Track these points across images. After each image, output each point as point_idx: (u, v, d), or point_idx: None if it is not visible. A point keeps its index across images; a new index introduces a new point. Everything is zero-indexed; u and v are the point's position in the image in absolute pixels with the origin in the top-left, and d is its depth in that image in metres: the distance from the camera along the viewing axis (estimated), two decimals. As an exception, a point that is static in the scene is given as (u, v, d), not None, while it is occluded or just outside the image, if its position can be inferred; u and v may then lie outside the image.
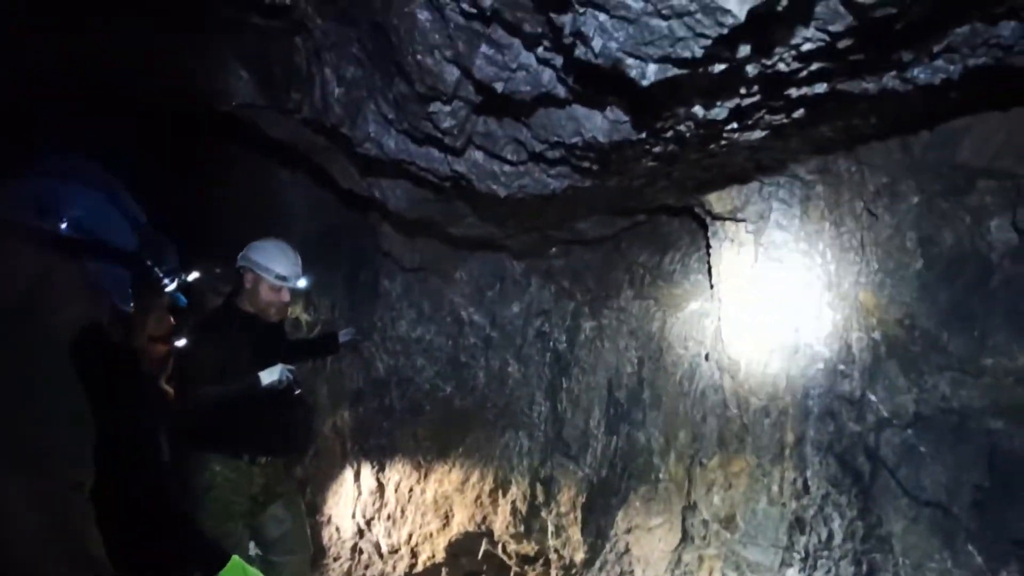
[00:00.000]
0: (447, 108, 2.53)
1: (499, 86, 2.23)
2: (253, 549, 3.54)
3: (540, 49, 2.03)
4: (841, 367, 2.87)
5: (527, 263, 4.45)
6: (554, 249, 4.32)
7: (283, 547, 3.47)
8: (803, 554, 3.05)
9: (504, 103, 2.35)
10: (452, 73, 2.35)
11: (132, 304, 1.79)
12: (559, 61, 2.00)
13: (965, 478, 2.45)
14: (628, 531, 4.05)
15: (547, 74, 2.13)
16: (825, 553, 2.96)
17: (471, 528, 4.39)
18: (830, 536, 2.94)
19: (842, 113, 2.18)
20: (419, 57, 2.32)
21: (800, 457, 3.06)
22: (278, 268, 3.33)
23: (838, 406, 2.89)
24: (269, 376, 3.21)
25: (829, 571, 2.94)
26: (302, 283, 3.49)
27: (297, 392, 3.39)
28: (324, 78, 2.92)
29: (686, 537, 3.80)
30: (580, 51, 1.77)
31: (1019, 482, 2.29)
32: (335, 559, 4.63)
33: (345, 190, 3.93)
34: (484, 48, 2.17)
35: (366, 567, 4.46)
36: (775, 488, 3.21)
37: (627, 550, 4.05)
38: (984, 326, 2.35)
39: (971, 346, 2.39)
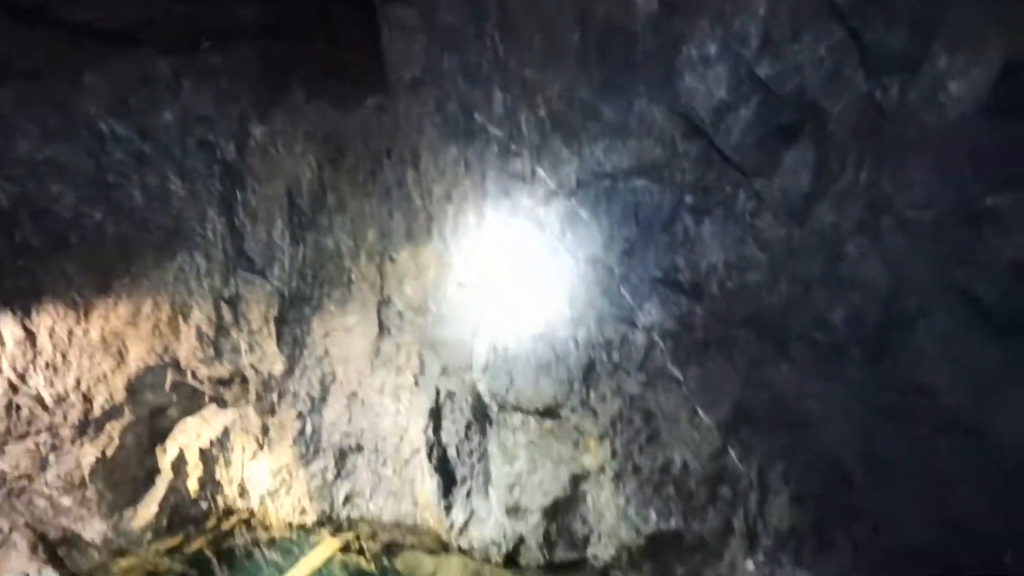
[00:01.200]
0: None
1: None
2: None
3: None
4: (513, 147, 3.03)
5: (177, 62, 3.82)
6: (208, 43, 3.76)
7: None
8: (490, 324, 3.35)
9: None
10: None
11: None
12: None
13: (617, 233, 2.82)
14: (325, 335, 4.07)
15: None
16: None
17: (152, 361, 4.04)
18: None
19: None
20: None
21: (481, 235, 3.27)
22: None
23: (511, 184, 3.08)
24: None
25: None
26: None
27: None
28: None
29: (383, 330, 3.94)
30: None
31: (655, 229, 2.71)
32: (-16, 425, 3.96)
33: None
34: None
35: (28, 423, 3.90)
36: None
37: (326, 353, 4.09)
38: (630, 94, 2.61)
39: (620, 115, 2.66)
